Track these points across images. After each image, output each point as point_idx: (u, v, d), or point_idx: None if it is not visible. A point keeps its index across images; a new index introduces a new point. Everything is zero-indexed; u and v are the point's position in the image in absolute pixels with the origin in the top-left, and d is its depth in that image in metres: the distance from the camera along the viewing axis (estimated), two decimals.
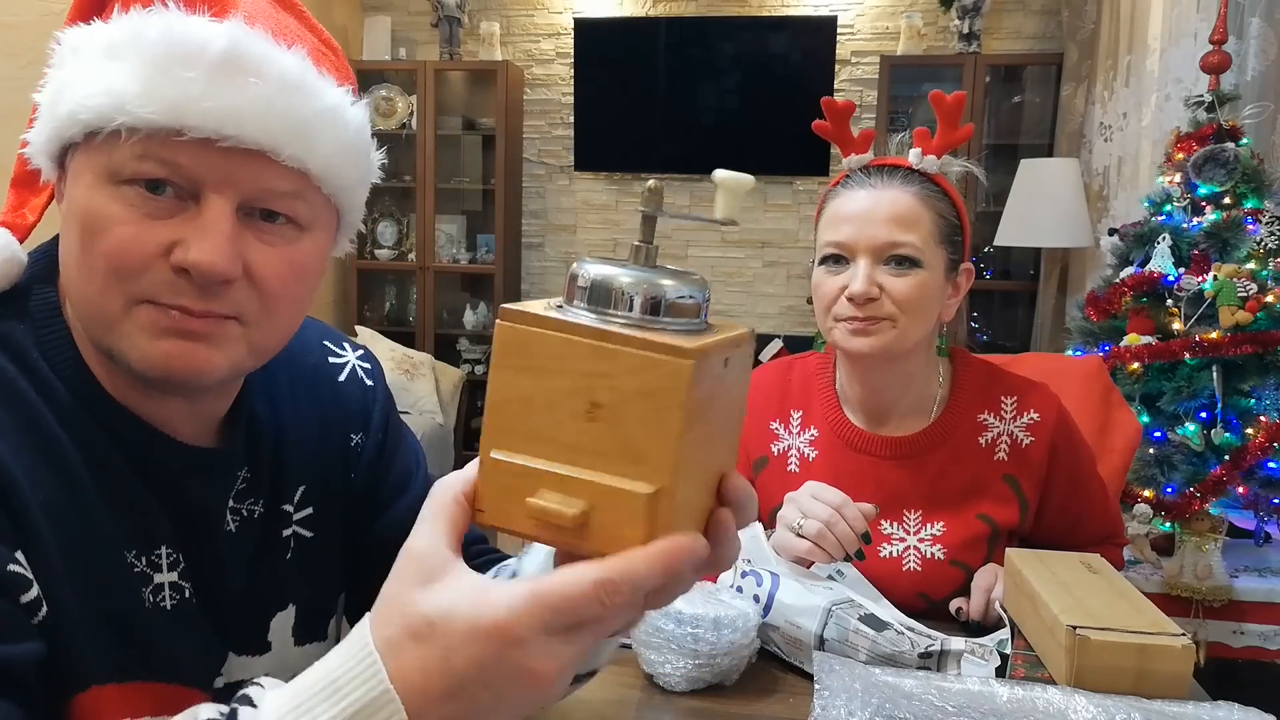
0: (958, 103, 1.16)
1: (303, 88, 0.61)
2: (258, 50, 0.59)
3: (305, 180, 0.62)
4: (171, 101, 0.56)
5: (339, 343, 0.87)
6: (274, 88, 0.59)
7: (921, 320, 1.13)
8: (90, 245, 0.58)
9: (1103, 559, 1.00)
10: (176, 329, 0.59)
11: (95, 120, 0.56)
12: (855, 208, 1.13)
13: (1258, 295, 2.21)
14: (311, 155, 0.61)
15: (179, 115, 0.56)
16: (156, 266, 0.58)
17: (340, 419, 0.82)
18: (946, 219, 1.15)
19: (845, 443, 1.23)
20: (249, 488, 0.73)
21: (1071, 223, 3.29)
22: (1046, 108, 3.96)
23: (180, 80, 0.56)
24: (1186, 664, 0.81)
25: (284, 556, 0.76)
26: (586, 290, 0.44)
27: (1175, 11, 2.94)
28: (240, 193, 0.60)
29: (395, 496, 0.85)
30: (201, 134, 0.57)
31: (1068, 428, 1.20)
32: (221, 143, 0.57)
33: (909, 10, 4.08)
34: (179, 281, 0.59)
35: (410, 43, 4.53)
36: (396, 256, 4.49)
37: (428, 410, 3.92)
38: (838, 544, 1.03)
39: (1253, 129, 2.50)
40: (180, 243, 0.58)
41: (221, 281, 0.59)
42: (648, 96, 4.28)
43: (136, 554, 0.64)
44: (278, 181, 0.61)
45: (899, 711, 0.76)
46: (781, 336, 4.33)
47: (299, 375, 0.80)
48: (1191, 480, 2.21)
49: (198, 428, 0.69)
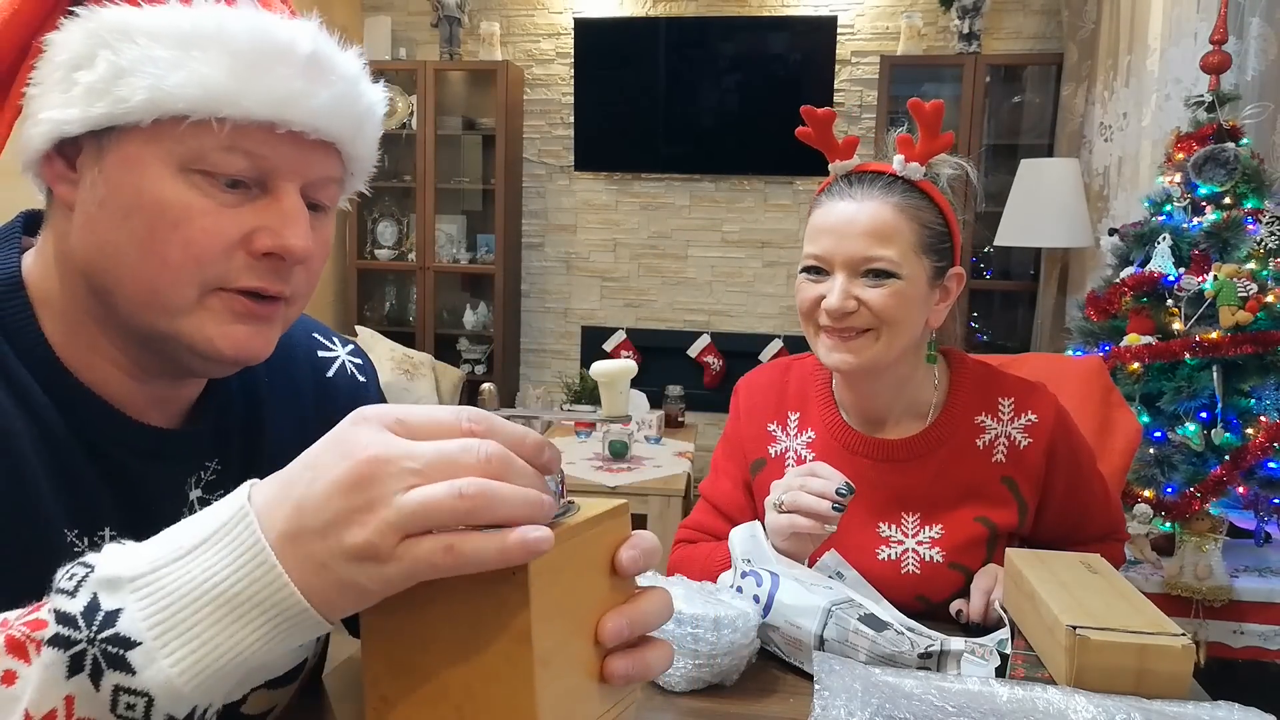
0: (936, 111, 1.16)
1: (360, 84, 0.65)
2: (332, 49, 0.63)
3: (344, 167, 0.67)
4: (275, 97, 0.58)
5: (329, 338, 0.87)
6: (346, 85, 0.63)
7: (903, 330, 1.13)
8: (165, 235, 0.58)
9: (1103, 559, 1.00)
10: (248, 313, 0.62)
11: (188, 109, 0.57)
12: (834, 220, 1.13)
13: (1258, 295, 2.21)
14: (362, 146, 0.67)
15: (281, 110, 0.58)
16: (236, 254, 0.60)
17: (326, 414, 0.80)
18: (929, 228, 1.14)
19: (843, 445, 1.23)
20: (219, 479, 0.72)
21: (1071, 223, 3.29)
22: (1046, 108, 3.96)
23: (280, 77, 0.58)
24: (1186, 664, 0.81)
25: None
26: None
27: (1175, 11, 2.94)
28: (303, 179, 0.63)
29: None
30: (299, 128, 0.60)
31: (1066, 428, 1.20)
32: (309, 136, 0.61)
33: (909, 10, 4.08)
34: (260, 266, 0.61)
35: (410, 43, 4.53)
36: (396, 256, 4.49)
37: None
38: (815, 500, 1.02)
39: (1253, 129, 2.50)
40: (261, 230, 0.60)
41: (297, 264, 0.63)
42: (648, 96, 4.28)
43: (78, 533, 0.63)
44: (332, 169, 0.65)
45: (899, 711, 0.76)
46: (781, 336, 4.34)
47: (278, 368, 0.78)
48: (1192, 480, 2.21)
49: (167, 411, 0.69)
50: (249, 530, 0.42)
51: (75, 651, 0.40)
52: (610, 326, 4.55)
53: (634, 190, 4.48)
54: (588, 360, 4.51)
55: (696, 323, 4.49)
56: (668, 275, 4.50)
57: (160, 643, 0.40)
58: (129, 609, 0.40)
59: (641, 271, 4.53)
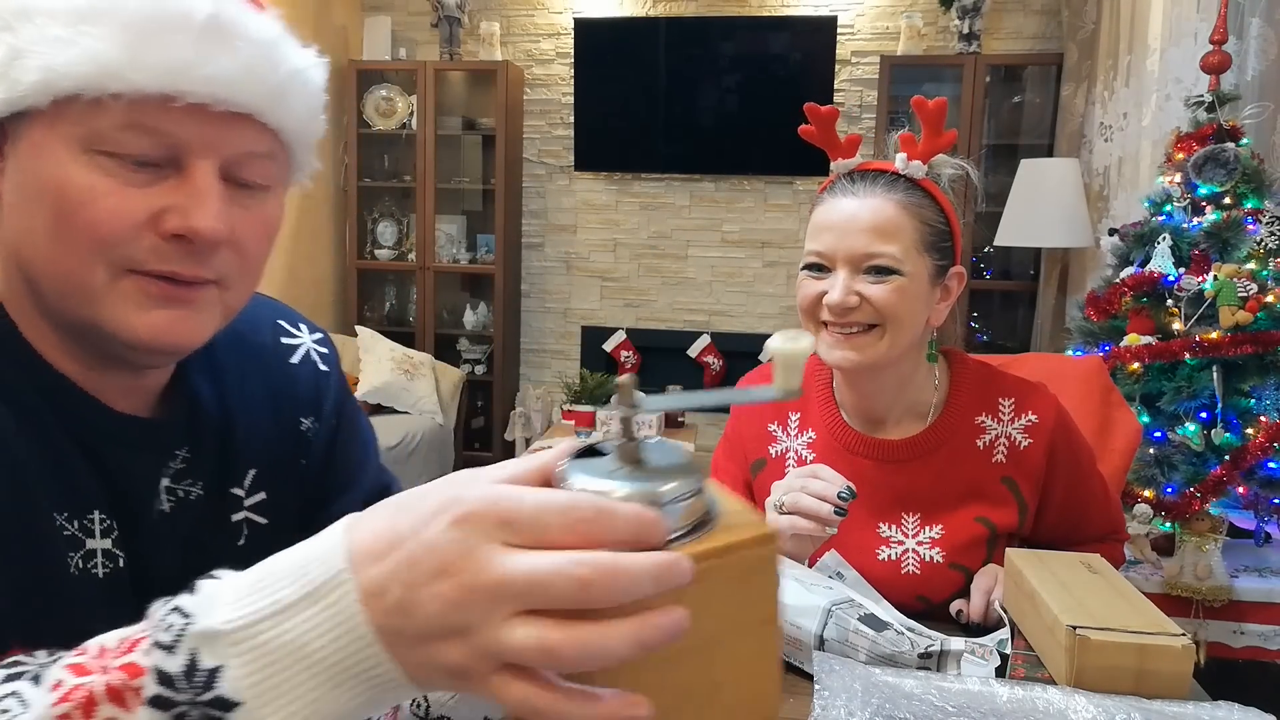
0: (940, 109, 1.16)
1: (277, 50, 0.61)
2: (237, 13, 0.59)
3: (277, 141, 0.63)
4: (166, 68, 0.55)
5: (294, 323, 0.84)
6: (257, 50, 0.59)
7: (906, 327, 1.13)
8: (70, 218, 0.57)
9: (1103, 559, 1.00)
10: (166, 297, 0.59)
11: (77, 88, 0.55)
12: (836, 217, 1.13)
13: (1258, 295, 2.21)
14: (288, 117, 0.62)
15: (174, 82, 0.55)
16: (144, 235, 0.58)
17: (291, 402, 0.79)
18: (931, 226, 1.14)
19: (843, 446, 1.23)
20: (188, 468, 0.70)
21: (1071, 223, 3.30)
22: (1046, 108, 3.96)
23: (172, 46, 0.55)
24: (1186, 664, 0.81)
25: (235, 543, 0.73)
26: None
27: (1175, 11, 2.94)
28: (222, 156, 0.59)
29: (337, 493, 0.81)
30: (196, 100, 0.56)
31: (1066, 428, 1.20)
32: (214, 107, 0.57)
33: (909, 10, 4.08)
34: (169, 249, 0.58)
35: (410, 43, 4.53)
36: (396, 256, 4.49)
37: (428, 410, 3.92)
38: (816, 502, 1.02)
39: (1253, 129, 2.50)
40: (170, 209, 0.58)
41: (216, 246, 0.59)
42: (648, 96, 4.28)
43: (68, 517, 0.63)
44: (257, 144, 0.61)
45: (899, 711, 0.76)
46: None
47: (248, 354, 0.77)
48: (1192, 480, 2.21)
49: (135, 400, 0.67)
50: (349, 603, 0.39)
51: (177, 713, 0.39)
52: (610, 326, 4.55)
53: (634, 190, 4.48)
54: (588, 360, 4.51)
55: (696, 323, 4.49)
56: (668, 275, 4.50)
57: (261, 702, 0.39)
58: (229, 667, 0.39)
59: (641, 271, 4.53)
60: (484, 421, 4.55)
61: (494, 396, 4.45)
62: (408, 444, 3.65)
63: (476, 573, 0.37)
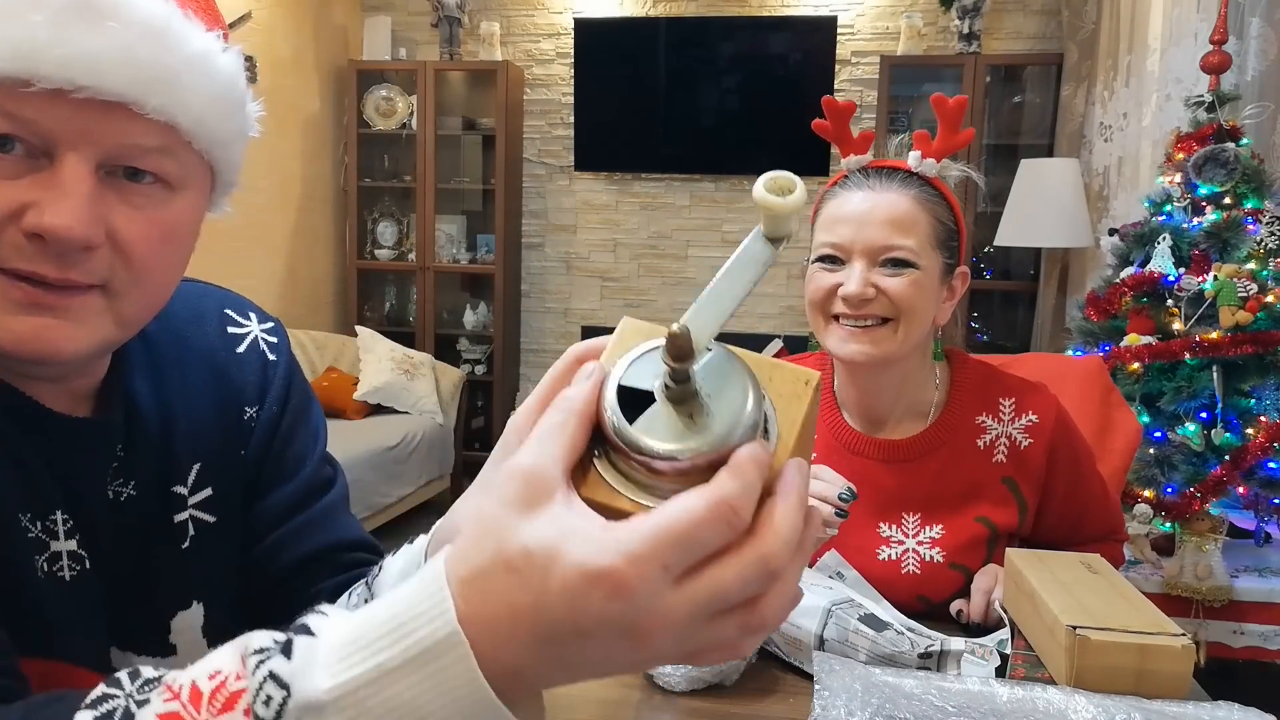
0: (959, 107, 1.16)
1: (168, 33, 0.55)
2: None
3: (174, 135, 0.57)
4: (16, 48, 0.50)
5: (243, 312, 0.80)
6: (135, 33, 0.53)
7: (918, 322, 1.13)
8: None
9: (1103, 559, 1.00)
10: (30, 303, 0.54)
11: None
12: (852, 209, 1.13)
13: (1258, 295, 2.21)
14: (180, 107, 0.56)
15: (26, 63, 0.51)
16: (6, 232, 0.53)
17: (234, 392, 0.75)
18: (943, 223, 1.15)
19: (843, 446, 1.23)
20: (121, 467, 0.67)
21: (1071, 223, 3.30)
22: (1046, 108, 3.96)
23: (27, 25, 0.51)
24: (1186, 664, 0.81)
25: (179, 545, 0.70)
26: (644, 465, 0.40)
27: (1175, 11, 2.94)
28: (100, 149, 0.54)
29: (277, 484, 0.77)
30: (52, 84, 0.51)
31: (1066, 429, 1.20)
32: (76, 94, 0.52)
33: (909, 10, 4.08)
34: (32, 249, 0.53)
35: (410, 43, 4.53)
36: (396, 256, 4.49)
37: (428, 410, 3.92)
38: (816, 503, 1.02)
39: (1253, 129, 2.50)
40: (33, 205, 0.53)
41: (82, 248, 0.54)
42: (648, 96, 4.28)
43: (31, 518, 0.60)
44: (143, 136, 0.56)
45: (899, 711, 0.76)
46: (781, 336, 4.33)
47: (191, 348, 0.74)
48: (1192, 480, 2.21)
49: (67, 401, 0.64)
50: (464, 668, 0.37)
51: None
52: (610, 326, 4.45)
53: (634, 190, 4.48)
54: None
55: None
56: (668, 275, 4.50)
57: None
58: None
59: (641, 271, 4.53)
60: (484, 421, 4.55)
61: (494, 396, 4.45)
62: (408, 444, 3.65)
63: (665, 628, 0.36)
